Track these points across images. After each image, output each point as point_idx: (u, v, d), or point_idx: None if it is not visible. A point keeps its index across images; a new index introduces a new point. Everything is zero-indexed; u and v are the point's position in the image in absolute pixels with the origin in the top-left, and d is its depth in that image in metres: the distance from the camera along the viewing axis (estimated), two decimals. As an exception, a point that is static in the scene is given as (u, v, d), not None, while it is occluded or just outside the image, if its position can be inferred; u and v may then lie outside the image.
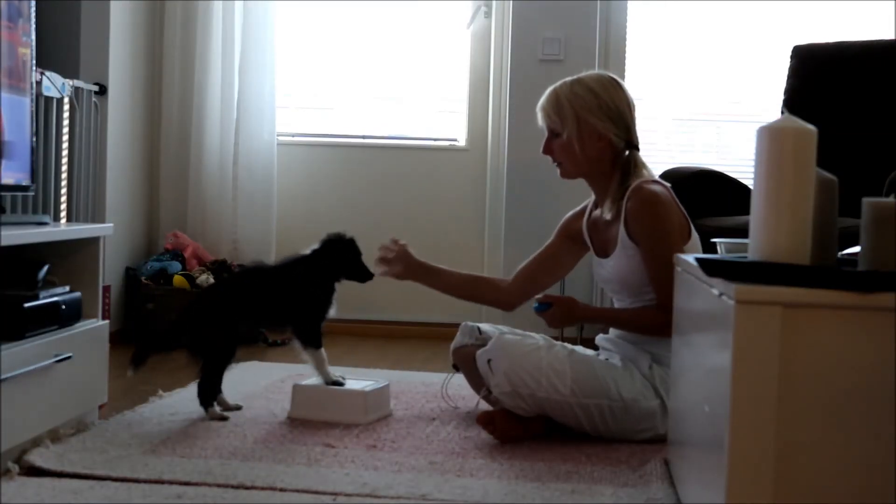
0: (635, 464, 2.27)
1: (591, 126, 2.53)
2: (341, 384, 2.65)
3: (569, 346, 2.54)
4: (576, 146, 2.54)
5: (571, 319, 2.57)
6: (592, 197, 2.70)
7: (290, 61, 4.41)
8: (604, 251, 2.62)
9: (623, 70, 4.17)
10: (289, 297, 2.63)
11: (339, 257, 2.68)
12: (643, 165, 2.56)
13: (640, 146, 2.59)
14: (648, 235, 2.45)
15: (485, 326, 2.75)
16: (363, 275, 2.71)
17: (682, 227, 2.50)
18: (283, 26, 4.36)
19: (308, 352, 2.65)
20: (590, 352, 2.65)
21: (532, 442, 2.44)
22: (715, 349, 1.59)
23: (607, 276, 2.60)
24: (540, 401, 2.42)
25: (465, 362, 2.70)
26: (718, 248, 2.03)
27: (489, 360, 2.48)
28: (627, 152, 2.55)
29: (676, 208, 2.51)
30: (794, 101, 3.71)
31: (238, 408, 2.67)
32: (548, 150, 2.62)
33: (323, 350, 2.66)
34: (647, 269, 2.46)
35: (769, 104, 4.00)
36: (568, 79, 2.60)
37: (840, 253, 1.71)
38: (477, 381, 2.66)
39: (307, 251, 2.69)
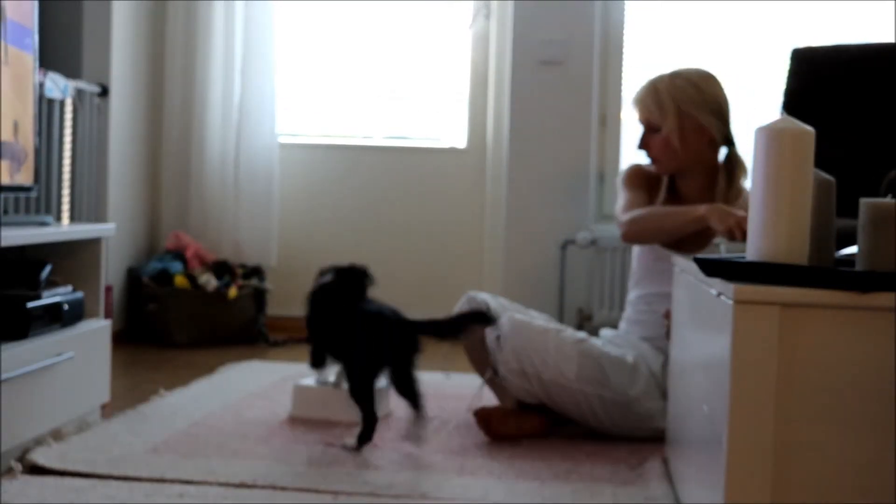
0: (634, 462, 2.28)
1: (693, 120, 2.49)
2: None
3: (580, 334, 2.54)
4: (675, 141, 2.49)
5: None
6: (664, 182, 2.59)
7: (291, 63, 4.42)
8: (679, 245, 2.50)
9: (621, 71, 4.18)
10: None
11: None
12: (744, 164, 2.52)
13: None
14: None
15: (491, 302, 2.70)
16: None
17: None
18: (284, 27, 4.37)
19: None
20: (598, 340, 2.63)
21: (531, 441, 2.44)
22: (714, 349, 1.60)
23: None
24: (546, 384, 2.42)
25: (471, 336, 2.61)
26: (719, 247, 2.04)
27: (498, 337, 2.48)
28: (729, 150, 2.52)
29: None
30: (793, 103, 3.71)
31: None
32: (644, 145, 2.55)
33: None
34: None
35: (768, 106, 4.00)
36: (665, 73, 2.55)
37: (838, 253, 1.72)
38: (478, 357, 2.62)
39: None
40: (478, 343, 2.57)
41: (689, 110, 2.49)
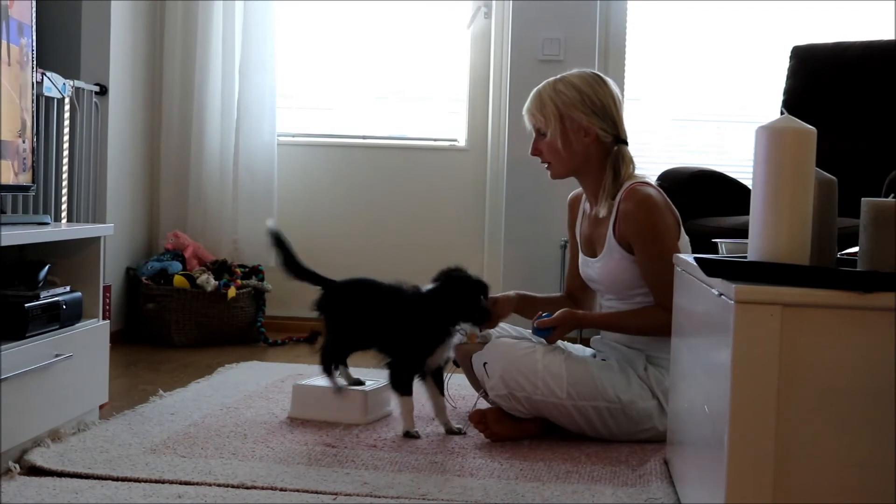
0: (635, 463, 2.28)
1: (574, 121, 2.52)
2: (416, 437, 2.46)
3: (566, 347, 2.54)
4: (559, 143, 2.53)
5: (574, 329, 2.56)
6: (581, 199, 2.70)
7: (290, 61, 4.42)
8: (591, 250, 2.62)
9: (623, 70, 4.18)
10: (398, 328, 2.49)
11: (461, 299, 2.48)
12: (631, 160, 2.56)
13: (632, 144, 2.58)
14: (644, 238, 2.44)
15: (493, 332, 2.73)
16: (481, 317, 2.51)
17: (673, 229, 2.50)
18: (283, 26, 4.36)
19: (393, 394, 2.53)
20: (588, 350, 2.65)
21: (531, 442, 2.44)
22: (715, 349, 1.60)
23: (594, 276, 2.59)
24: (536, 403, 2.42)
25: (464, 360, 2.70)
26: (719, 248, 2.03)
27: (485, 363, 2.49)
28: (616, 147, 2.55)
29: (669, 210, 2.51)
30: (794, 101, 3.71)
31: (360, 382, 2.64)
32: (536, 150, 2.61)
33: (411, 398, 2.49)
34: (642, 270, 2.46)
35: (769, 104, 4.00)
36: (551, 78, 2.60)
37: (839, 253, 1.72)
38: (476, 380, 2.67)
39: (430, 286, 2.49)
40: (470, 367, 2.59)
41: (569, 112, 2.52)
